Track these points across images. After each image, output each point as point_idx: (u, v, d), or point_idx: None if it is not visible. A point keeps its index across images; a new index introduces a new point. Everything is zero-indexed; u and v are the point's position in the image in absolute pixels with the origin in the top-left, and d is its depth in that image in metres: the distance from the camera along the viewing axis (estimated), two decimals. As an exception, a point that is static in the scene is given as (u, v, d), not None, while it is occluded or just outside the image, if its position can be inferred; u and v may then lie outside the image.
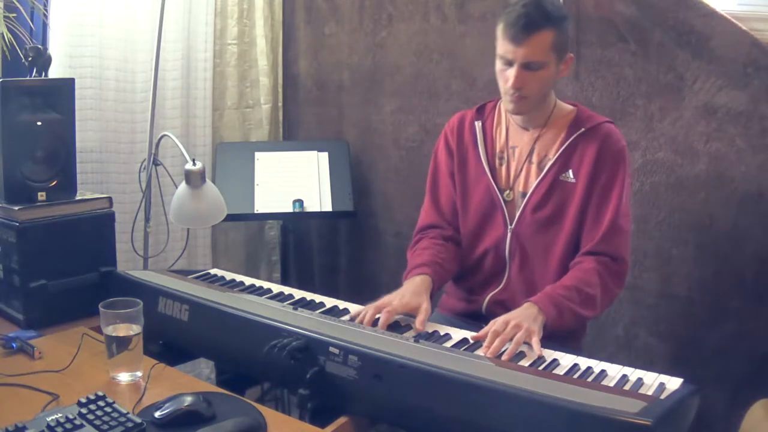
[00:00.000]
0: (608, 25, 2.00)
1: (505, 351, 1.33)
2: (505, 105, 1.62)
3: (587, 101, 2.04)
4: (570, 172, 1.60)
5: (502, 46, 1.53)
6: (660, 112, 1.96)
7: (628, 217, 1.60)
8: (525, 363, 1.31)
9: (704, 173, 1.91)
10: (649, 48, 1.95)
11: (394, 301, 1.52)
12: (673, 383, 1.21)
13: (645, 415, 1.02)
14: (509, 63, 1.53)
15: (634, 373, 1.25)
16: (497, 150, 1.69)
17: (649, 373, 1.25)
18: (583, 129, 1.60)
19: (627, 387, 1.20)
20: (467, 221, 1.73)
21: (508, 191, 1.66)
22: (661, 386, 1.19)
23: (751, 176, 1.84)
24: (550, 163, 1.61)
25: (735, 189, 1.86)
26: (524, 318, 1.40)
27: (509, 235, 1.65)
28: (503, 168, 1.68)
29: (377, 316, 1.48)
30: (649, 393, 1.17)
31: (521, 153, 1.66)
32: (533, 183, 1.63)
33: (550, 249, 1.62)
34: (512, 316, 1.41)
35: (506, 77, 1.54)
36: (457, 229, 1.75)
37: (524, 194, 1.64)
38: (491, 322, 1.41)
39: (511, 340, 1.35)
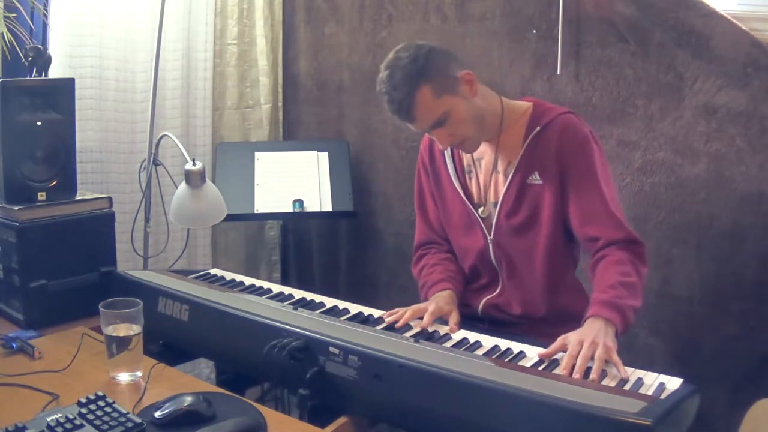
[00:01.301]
0: (608, 25, 2.00)
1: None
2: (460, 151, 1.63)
3: (587, 101, 2.05)
4: (536, 174, 1.56)
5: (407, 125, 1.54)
6: (660, 112, 1.96)
7: (617, 201, 1.56)
8: (525, 363, 1.31)
9: (704, 173, 1.91)
10: (649, 48, 1.95)
11: (430, 306, 1.53)
12: (673, 383, 1.21)
13: (645, 415, 1.02)
14: (426, 132, 1.54)
15: (634, 373, 1.25)
16: (465, 164, 1.67)
17: (649, 373, 1.24)
18: (538, 128, 1.55)
19: (627, 387, 1.20)
20: (453, 237, 1.73)
21: (482, 208, 1.64)
22: (661, 386, 1.19)
23: (751, 176, 1.84)
24: (513, 170, 1.57)
25: (735, 189, 1.86)
26: (597, 334, 1.31)
27: (491, 245, 1.64)
28: (473, 182, 1.66)
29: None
30: (649, 393, 1.17)
31: (487, 164, 1.63)
32: (502, 192, 1.60)
33: (532, 252, 1.60)
34: (585, 334, 1.31)
35: (435, 141, 1.56)
36: (449, 244, 1.77)
37: (496, 204, 1.62)
38: (560, 339, 1.33)
39: (591, 358, 1.26)
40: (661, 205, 1.99)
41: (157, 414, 1.19)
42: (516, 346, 1.38)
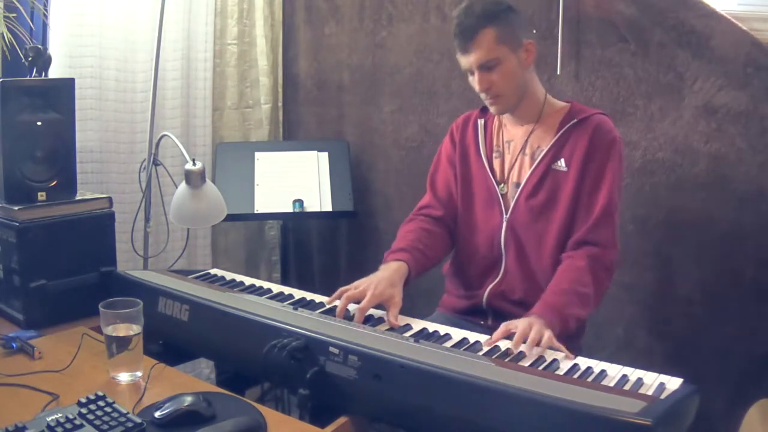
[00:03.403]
0: (608, 25, 2.00)
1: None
2: (489, 109, 1.69)
3: (587, 101, 2.04)
4: (562, 160, 1.63)
5: (458, 58, 1.63)
6: (660, 112, 1.96)
7: (617, 207, 1.62)
8: (525, 363, 1.31)
9: (704, 173, 1.91)
10: (649, 48, 1.95)
11: (368, 290, 1.54)
12: (673, 383, 1.21)
13: (645, 415, 1.02)
14: (471, 71, 1.61)
15: (634, 373, 1.25)
16: (494, 145, 1.74)
17: (649, 373, 1.24)
18: (575, 120, 1.63)
19: (627, 387, 1.20)
20: (468, 215, 1.76)
21: (502, 185, 1.70)
22: (661, 386, 1.19)
23: (751, 176, 1.84)
24: (542, 153, 1.65)
25: (735, 189, 1.86)
26: (540, 327, 1.40)
27: (504, 224, 1.68)
28: (498, 161, 1.73)
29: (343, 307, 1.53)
30: (649, 393, 1.17)
31: (515, 146, 1.70)
32: (526, 173, 1.66)
33: (543, 237, 1.65)
34: (529, 323, 1.41)
35: (474, 84, 1.62)
36: (447, 211, 1.79)
37: (518, 184, 1.68)
38: (504, 325, 1.42)
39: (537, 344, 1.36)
40: (661, 205, 1.99)
41: (157, 414, 1.19)
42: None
